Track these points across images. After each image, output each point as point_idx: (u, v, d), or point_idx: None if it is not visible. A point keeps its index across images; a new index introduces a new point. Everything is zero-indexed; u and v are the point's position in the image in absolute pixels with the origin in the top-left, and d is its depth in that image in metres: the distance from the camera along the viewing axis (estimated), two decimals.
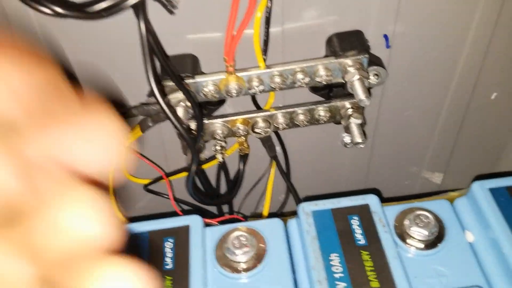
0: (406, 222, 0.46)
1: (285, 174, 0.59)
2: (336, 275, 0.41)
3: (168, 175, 0.56)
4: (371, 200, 0.47)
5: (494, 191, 0.48)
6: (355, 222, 0.45)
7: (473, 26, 0.53)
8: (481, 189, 0.48)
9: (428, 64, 0.55)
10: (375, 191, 0.53)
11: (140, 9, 0.37)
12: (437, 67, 0.56)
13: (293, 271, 0.45)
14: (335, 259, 0.42)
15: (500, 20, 0.52)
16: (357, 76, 0.45)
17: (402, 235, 0.46)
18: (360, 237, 0.44)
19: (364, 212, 0.46)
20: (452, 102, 0.61)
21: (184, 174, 0.55)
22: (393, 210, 0.48)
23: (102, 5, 0.37)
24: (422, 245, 0.45)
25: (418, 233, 0.45)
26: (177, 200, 0.56)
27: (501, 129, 0.68)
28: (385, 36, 0.50)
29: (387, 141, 0.65)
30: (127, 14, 0.40)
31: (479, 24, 0.52)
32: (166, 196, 0.54)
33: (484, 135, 0.68)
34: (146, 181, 0.58)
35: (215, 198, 0.58)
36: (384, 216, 0.46)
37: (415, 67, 0.56)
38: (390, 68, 0.53)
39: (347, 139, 0.55)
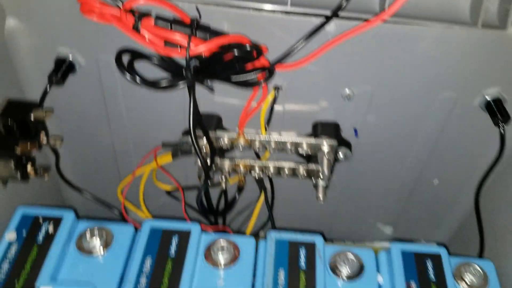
0: (338, 259, 0.66)
1: (269, 206, 0.80)
2: (279, 286, 0.62)
3: (184, 189, 0.78)
4: (318, 240, 0.67)
5: (404, 254, 0.68)
6: (302, 252, 0.66)
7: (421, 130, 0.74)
8: (395, 250, 0.68)
9: (387, 150, 0.76)
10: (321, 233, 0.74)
11: (191, 89, 0.59)
12: (393, 154, 0.77)
13: (254, 274, 0.66)
14: (282, 273, 0.63)
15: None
16: (326, 156, 0.66)
17: (334, 268, 0.66)
18: (303, 263, 0.65)
19: (310, 246, 0.67)
20: (402, 181, 0.82)
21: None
22: (334, 248, 0.68)
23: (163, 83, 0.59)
24: (345, 277, 0.66)
25: (344, 269, 0.66)
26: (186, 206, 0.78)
27: (440, 207, 0.89)
28: (355, 130, 0.71)
29: (351, 199, 0.87)
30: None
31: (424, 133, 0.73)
32: (179, 200, 0.76)
33: (426, 208, 0.88)
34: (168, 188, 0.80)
35: (213, 213, 0.80)
36: (324, 251, 0.67)
37: (376, 150, 0.77)
38: (357, 150, 0.74)
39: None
